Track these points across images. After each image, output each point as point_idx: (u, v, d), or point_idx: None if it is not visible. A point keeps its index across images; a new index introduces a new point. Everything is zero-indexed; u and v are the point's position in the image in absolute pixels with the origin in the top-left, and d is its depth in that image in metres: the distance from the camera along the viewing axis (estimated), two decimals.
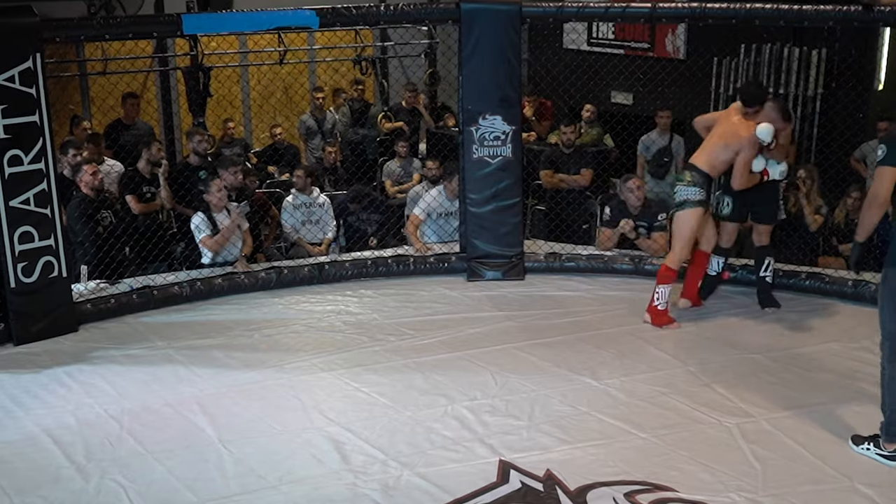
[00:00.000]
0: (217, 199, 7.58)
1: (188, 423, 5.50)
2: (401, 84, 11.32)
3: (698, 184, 6.70)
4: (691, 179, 6.73)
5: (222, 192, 7.59)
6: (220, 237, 7.59)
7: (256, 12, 7.45)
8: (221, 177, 7.91)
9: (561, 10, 7.98)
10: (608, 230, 8.08)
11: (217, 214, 7.63)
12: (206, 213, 7.62)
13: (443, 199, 8.40)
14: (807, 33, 9.87)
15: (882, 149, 4.71)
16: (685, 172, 6.84)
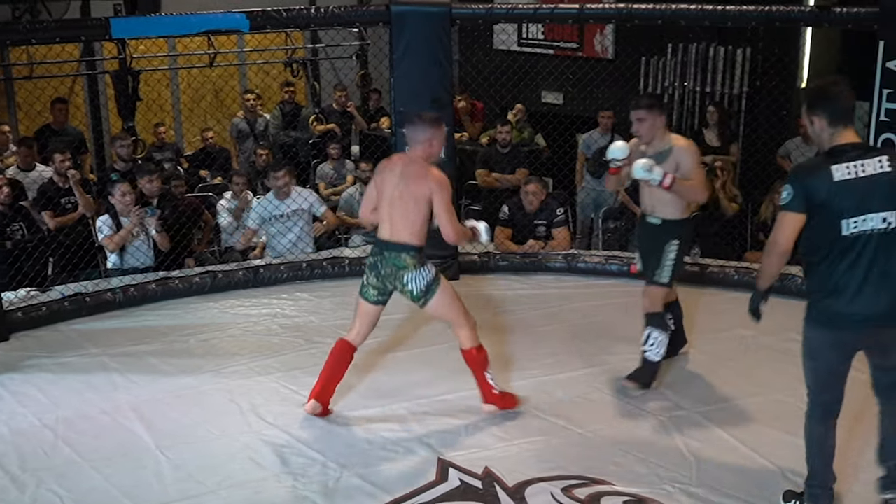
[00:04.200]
0: (120, 202, 7.46)
1: (125, 431, 5.45)
2: (332, 86, 11.32)
3: (422, 262, 5.27)
4: (414, 262, 5.25)
5: (126, 196, 7.45)
6: (117, 237, 7.46)
7: (185, 16, 7.38)
8: (138, 182, 7.84)
9: (490, 12, 8.06)
10: (506, 229, 8.20)
11: (125, 218, 7.53)
12: (113, 216, 7.51)
13: (268, 202, 8.14)
14: (732, 33, 10.06)
15: (786, 190, 4.13)
16: (402, 255, 5.23)
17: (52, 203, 7.89)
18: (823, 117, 4.11)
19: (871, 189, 4.03)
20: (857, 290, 4.11)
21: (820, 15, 7.23)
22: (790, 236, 4.15)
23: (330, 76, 11.04)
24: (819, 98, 4.15)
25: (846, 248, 4.08)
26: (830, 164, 4.06)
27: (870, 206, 4.04)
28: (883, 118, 6.81)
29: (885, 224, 4.06)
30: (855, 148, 4.09)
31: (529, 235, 8.20)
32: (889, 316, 4.16)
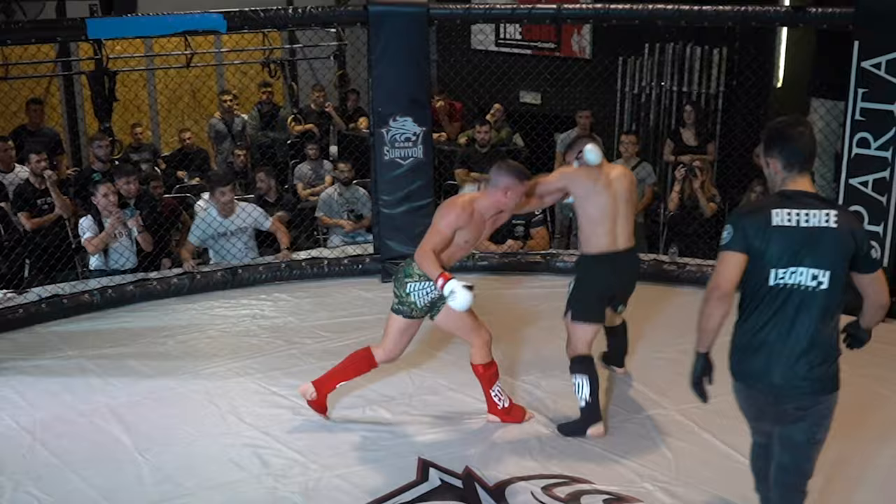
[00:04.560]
0: (103, 202, 7.41)
1: (103, 433, 5.43)
2: (310, 86, 11.30)
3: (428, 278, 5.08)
4: (421, 273, 5.12)
5: (108, 196, 7.39)
6: (97, 239, 7.40)
7: (162, 16, 7.36)
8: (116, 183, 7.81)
9: (468, 12, 8.08)
10: None
11: (107, 219, 7.49)
12: (95, 217, 7.47)
13: (212, 219, 7.83)
14: (708, 33, 10.10)
15: (727, 229, 3.78)
16: (414, 264, 5.14)
17: (28, 204, 7.84)
18: (779, 160, 3.77)
19: (808, 242, 3.67)
20: (777, 349, 3.74)
21: (795, 15, 7.29)
22: (731, 278, 3.77)
23: (308, 76, 11.03)
24: (777, 139, 3.79)
25: (771, 300, 3.75)
26: (772, 207, 3.73)
27: (802, 259, 3.68)
28: (858, 117, 6.86)
29: (815, 282, 3.68)
30: (805, 196, 3.73)
31: (508, 235, 8.21)
32: (808, 384, 3.74)
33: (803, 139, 3.76)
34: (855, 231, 3.73)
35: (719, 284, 3.78)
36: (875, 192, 6.88)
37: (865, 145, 6.87)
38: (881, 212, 6.87)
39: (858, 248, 3.71)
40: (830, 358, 3.77)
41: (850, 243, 3.70)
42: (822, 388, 3.77)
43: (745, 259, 3.74)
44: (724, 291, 3.78)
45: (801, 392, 3.75)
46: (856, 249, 3.71)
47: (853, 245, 3.70)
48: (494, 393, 5.44)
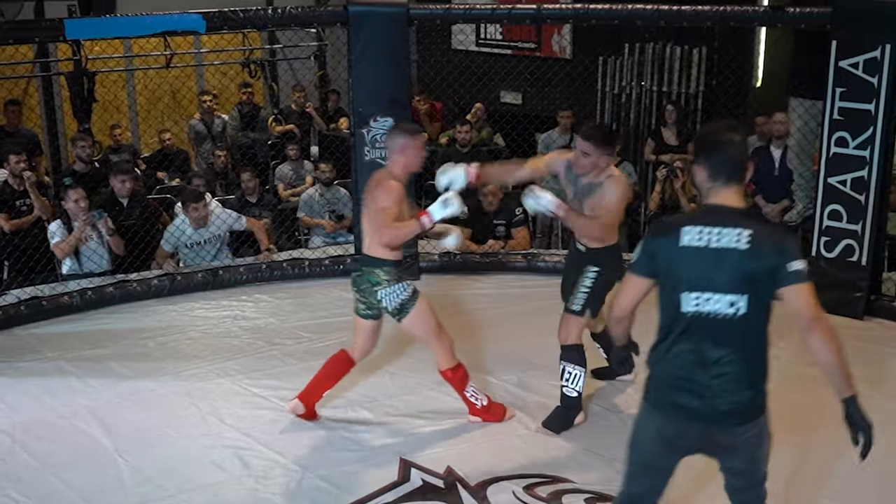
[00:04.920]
0: (73, 207, 7.34)
1: (83, 435, 5.40)
2: (291, 87, 11.28)
3: (397, 277, 5.19)
4: (388, 277, 5.16)
5: (80, 202, 7.33)
6: (65, 244, 7.35)
7: (141, 16, 7.33)
8: (111, 182, 7.79)
9: (448, 12, 8.08)
10: (466, 230, 8.21)
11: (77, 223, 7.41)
12: (65, 221, 7.42)
13: (185, 228, 7.78)
14: (688, 33, 10.15)
15: (637, 248, 3.61)
16: (376, 271, 5.15)
17: (6, 206, 7.80)
18: (705, 169, 3.47)
19: (719, 264, 3.37)
20: (696, 380, 3.45)
21: (773, 15, 7.32)
22: (628, 303, 3.62)
23: (288, 77, 11.01)
24: (705, 145, 3.51)
25: (686, 328, 3.46)
26: (684, 224, 3.45)
27: (717, 283, 3.39)
28: (836, 117, 6.90)
29: (733, 309, 3.39)
30: (725, 212, 3.42)
31: (489, 235, 8.23)
32: (730, 416, 3.46)
33: (733, 148, 3.45)
34: (774, 248, 3.35)
35: (617, 305, 3.69)
36: (853, 191, 6.92)
37: (844, 144, 6.91)
38: (860, 210, 6.91)
39: (777, 264, 3.34)
40: (756, 387, 3.50)
41: (767, 263, 3.34)
42: (747, 419, 3.49)
43: (647, 284, 3.56)
44: (618, 315, 3.71)
45: (726, 425, 3.48)
46: (774, 268, 3.34)
47: (771, 264, 3.34)
48: (469, 393, 5.44)
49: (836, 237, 7.04)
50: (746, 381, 3.46)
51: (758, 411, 3.52)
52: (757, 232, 3.36)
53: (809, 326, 3.37)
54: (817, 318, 3.37)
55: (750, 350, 3.46)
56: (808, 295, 3.38)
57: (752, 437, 3.52)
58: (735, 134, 3.49)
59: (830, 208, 7.04)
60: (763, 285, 3.38)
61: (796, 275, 3.36)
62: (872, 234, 6.92)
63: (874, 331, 6.86)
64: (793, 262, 3.36)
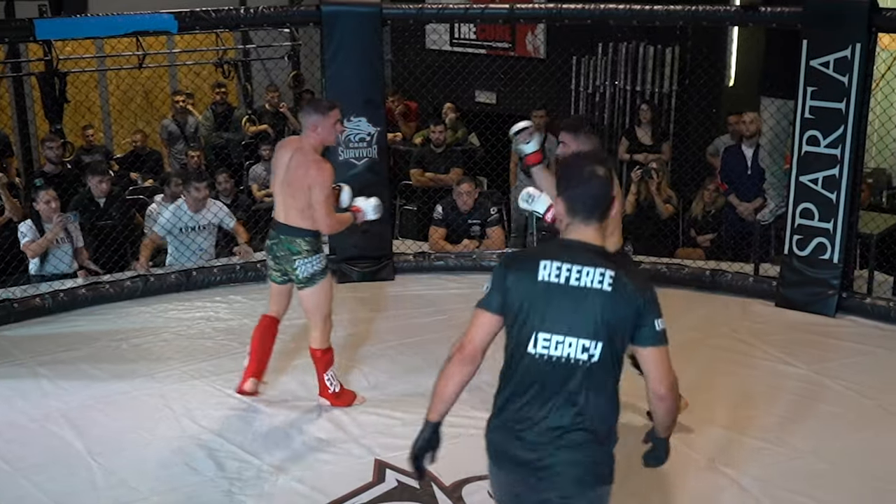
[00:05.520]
0: (44, 209, 7.31)
1: (55, 438, 5.37)
2: (264, 87, 11.24)
3: (316, 248, 5.41)
4: (309, 248, 5.38)
5: (51, 203, 7.31)
6: (36, 245, 7.32)
7: (112, 16, 7.28)
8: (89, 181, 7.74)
9: (421, 12, 8.07)
10: (440, 229, 8.23)
11: (48, 224, 7.39)
12: (35, 221, 7.37)
13: (183, 213, 7.83)
14: (660, 32, 10.18)
15: (488, 281, 3.29)
16: (297, 241, 5.34)
17: None
18: (564, 203, 3.19)
19: (577, 306, 3.09)
20: (539, 429, 3.16)
21: (745, 14, 7.35)
22: (478, 341, 3.27)
23: (262, 77, 10.96)
24: (564, 179, 3.22)
25: (532, 371, 3.16)
26: (542, 257, 3.15)
27: (571, 326, 3.10)
28: (808, 116, 6.94)
29: (585, 355, 3.10)
30: (582, 249, 3.14)
31: (464, 235, 8.23)
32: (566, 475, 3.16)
33: (594, 184, 3.15)
34: (638, 296, 3.09)
35: (463, 346, 3.27)
36: (825, 190, 6.97)
37: (815, 143, 6.95)
38: (831, 209, 6.96)
39: (639, 315, 3.10)
40: (600, 448, 3.20)
41: (628, 310, 3.08)
42: (590, 479, 3.19)
43: (498, 321, 3.24)
44: (467, 355, 3.27)
45: (565, 480, 3.16)
46: (636, 318, 3.09)
47: (632, 312, 3.09)
48: (328, 378, 5.67)
49: (808, 235, 7.08)
50: (589, 436, 3.16)
51: (599, 477, 3.22)
52: (619, 275, 3.09)
53: (662, 397, 3.19)
54: (672, 390, 3.19)
55: (597, 402, 3.15)
56: (667, 360, 3.17)
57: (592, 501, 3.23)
58: (598, 168, 3.18)
59: (802, 206, 7.08)
60: (620, 334, 3.11)
61: (658, 336, 3.14)
62: (844, 232, 6.96)
63: (846, 328, 6.91)
64: (657, 319, 3.13)
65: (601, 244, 3.18)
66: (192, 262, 7.86)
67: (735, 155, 8.55)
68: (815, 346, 6.60)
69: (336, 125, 5.36)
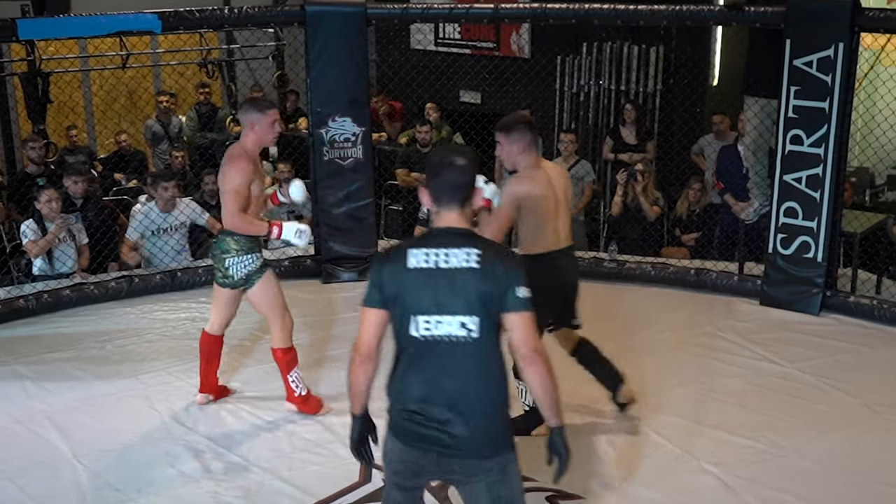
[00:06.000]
0: (46, 208, 7.32)
1: (39, 440, 5.35)
2: (249, 87, 11.21)
3: (247, 248, 5.34)
4: (238, 247, 5.32)
5: (52, 202, 7.32)
6: (39, 244, 7.32)
7: (95, 16, 7.25)
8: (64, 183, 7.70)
9: (405, 12, 8.08)
10: (425, 229, 8.20)
11: (50, 223, 7.39)
12: (37, 221, 7.37)
13: (154, 215, 7.81)
14: (645, 32, 10.21)
15: (367, 282, 3.44)
16: (227, 239, 5.31)
17: None
18: (429, 192, 3.42)
19: (449, 286, 3.28)
20: (433, 407, 3.35)
21: (728, 14, 7.38)
22: (370, 339, 3.42)
23: (246, 77, 10.94)
24: (428, 170, 3.47)
25: (419, 353, 3.36)
26: (411, 247, 3.36)
27: (446, 306, 3.29)
28: (791, 115, 6.97)
29: (465, 332, 3.29)
30: (447, 234, 3.36)
31: None
32: (464, 446, 3.34)
33: (454, 171, 3.36)
34: (503, 268, 3.29)
35: (358, 347, 3.45)
36: (809, 189, 6.99)
37: (798, 142, 6.98)
38: (815, 208, 6.98)
39: (506, 286, 3.27)
40: (493, 416, 3.38)
41: (496, 282, 3.26)
42: (487, 449, 3.37)
43: (383, 315, 3.39)
44: (363, 355, 3.45)
45: (460, 455, 3.35)
46: (503, 289, 3.27)
47: (500, 284, 3.27)
48: (292, 379, 5.56)
49: (792, 234, 7.11)
50: (481, 408, 3.34)
51: (497, 444, 3.39)
52: (486, 252, 3.30)
53: (529, 359, 3.31)
54: (537, 352, 3.31)
55: (485, 375, 3.34)
56: (531, 325, 3.31)
57: (493, 472, 3.38)
58: (458, 158, 3.40)
59: (786, 205, 7.11)
60: (494, 307, 3.29)
61: (522, 302, 3.29)
62: (828, 231, 6.99)
63: (830, 327, 6.94)
64: (520, 287, 3.29)
65: (467, 227, 3.40)
66: (168, 262, 7.86)
67: (730, 154, 8.57)
68: (800, 344, 6.63)
69: (274, 125, 5.28)
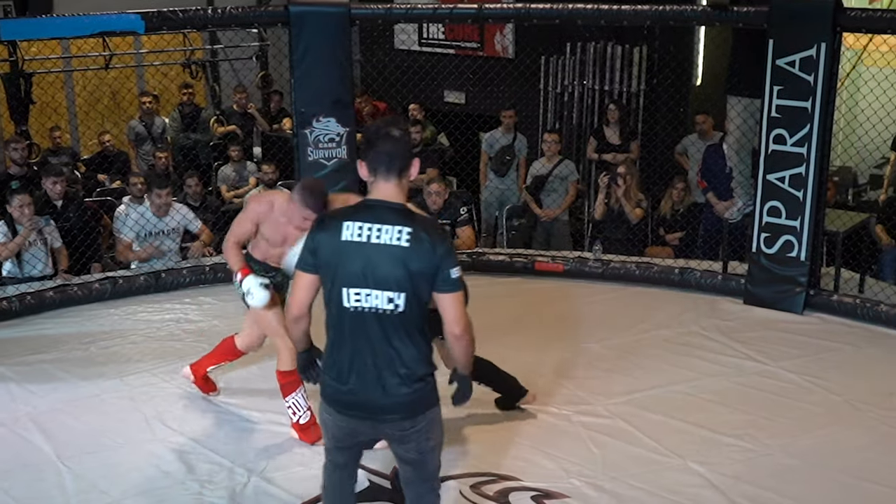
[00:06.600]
0: (18, 213, 7.25)
1: (23, 442, 5.32)
2: (232, 87, 11.19)
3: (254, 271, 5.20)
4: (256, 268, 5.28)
5: (24, 207, 7.25)
6: (8, 247, 7.26)
7: (78, 17, 7.22)
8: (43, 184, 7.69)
9: (389, 12, 8.08)
10: None
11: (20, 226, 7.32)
12: (8, 223, 7.31)
13: (148, 218, 7.81)
14: (628, 32, 10.23)
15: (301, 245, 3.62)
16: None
17: None
18: (365, 164, 3.49)
19: (379, 261, 3.42)
20: (363, 375, 3.53)
21: (711, 14, 7.41)
22: (301, 301, 3.58)
23: (230, 77, 10.91)
24: (364, 142, 3.53)
25: (349, 324, 3.51)
26: (345, 218, 3.49)
27: (374, 279, 3.44)
28: (774, 114, 6.99)
29: (392, 305, 3.45)
30: (382, 207, 3.47)
31: None
32: (395, 411, 3.56)
33: (389, 143, 3.45)
34: (434, 247, 3.42)
35: (290, 308, 3.65)
36: (792, 188, 7.02)
37: (781, 142, 7.01)
38: (798, 207, 7.01)
39: (436, 266, 3.43)
40: (422, 380, 3.57)
41: (426, 262, 3.42)
42: (415, 411, 3.59)
43: (314, 279, 3.55)
44: (294, 315, 3.65)
45: (394, 418, 3.58)
46: (434, 268, 3.43)
47: (430, 263, 3.42)
48: (290, 404, 5.29)
49: (776, 233, 7.13)
50: (408, 376, 3.54)
51: (424, 406, 3.62)
52: (417, 230, 3.43)
53: (458, 337, 3.55)
54: (466, 331, 3.55)
55: (410, 346, 3.53)
56: (460, 304, 3.53)
57: (421, 429, 3.63)
58: (394, 129, 3.49)
59: (770, 205, 7.13)
60: (422, 284, 3.45)
61: (453, 283, 3.48)
62: (811, 230, 7.02)
63: (814, 325, 6.97)
64: (452, 268, 3.47)
65: (402, 202, 3.51)
66: (159, 265, 7.82)
67: (715, 154, 8.59)
68: (783, 342, 6.65)
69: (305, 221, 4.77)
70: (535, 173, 9.08)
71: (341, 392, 3.59)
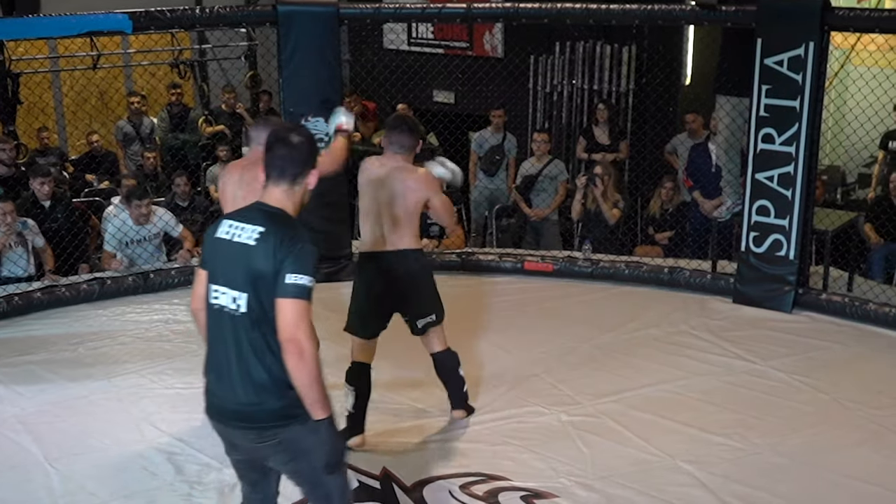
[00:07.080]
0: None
1: (11, 443, 5.30)
2: (221, 87, 11.16)
3: None
4: None
5: (5, 216, 7.20)
6: None
7: (66, 16, 7.19)
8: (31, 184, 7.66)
9: (378, 11, 8.07)
10: None
11: None
12: None
13: (128, 228, 7.73)
14: (617, 31, 10.23)
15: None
16: None
17: None
18: (264, 168, 3.51)
19: (231, 259, 3.40)
20: (225, 378, 3.46)
21: (700, 13, 7.41)
22: (197, 293, 3.60)
23: (218, 77, 10.89)
24: (265, 145, 3.54)
25: (211, 322, 3.51)
26: (228, 217, 3.55)
27: (225, 278, 3.43)
28: (762, 114, 7.00)
29: (235, 305, 3.40)
30: (257, 209, 3.46)
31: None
32: (237, 419, 3.46)
33: (283, 149, 3.47)
34: (278, 251, 3.33)
35: (192, 301, 3.68)
36: (780, 187, 7.03)
37: (770, 141, 7.02)
38: (786, 206, 7.02)
39: (276, 269, 3.32)
40: (275, 388, 3.40)
41: (268, 263, 3.32)
42: (261, 423, 3.43)
43: (205, 274, 3.55)
44: (193, 307, 3.67)
45: (240, 425, 3.47)
46: (274, 271, 3.32)
47: (271, 265, 3.32)
48: None
49: (765, 232, 7.15)
50: (251, 383, 3.40)
51: (273, 419, 3.42)
52: (269, 230, 3.36)
53: (284, 347, 3.33)
54: (292, 342, 3.31)
55: (253, 351, 3.39)
56: (294, 312, 3.32)
57: (275, 446, 3.47)
58: (290, 135, 3.52)
59: (758, 204, 7.14)
60: (264, 286, 3.35)
61: (288, 288, 3.32)
62: (799, 229, 7.03)
63: (802, 324, 6.98)
64: (292, 273, 3.32)
65: (284, 206, 3.47)
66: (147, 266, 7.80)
67: (701, 153, 8.60)
68: (772, 341, 6.67)
69: None
70: (525, 173, 9.08)
71: (207, 393, 3.55)
